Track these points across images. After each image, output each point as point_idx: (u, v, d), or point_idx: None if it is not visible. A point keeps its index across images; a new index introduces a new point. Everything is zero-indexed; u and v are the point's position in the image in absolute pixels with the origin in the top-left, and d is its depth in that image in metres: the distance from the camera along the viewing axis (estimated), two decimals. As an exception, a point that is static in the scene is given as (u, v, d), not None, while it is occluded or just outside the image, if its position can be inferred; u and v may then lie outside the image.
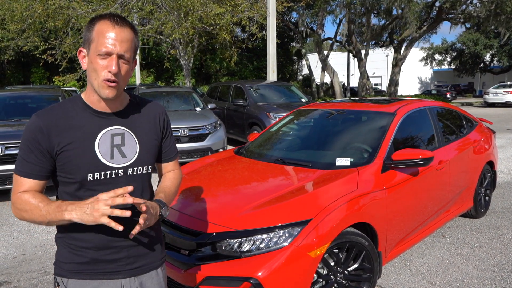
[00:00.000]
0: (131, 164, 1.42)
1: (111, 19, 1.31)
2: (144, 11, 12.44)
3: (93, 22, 1.33)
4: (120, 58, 1.31)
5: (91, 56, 1.31)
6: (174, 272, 2.42)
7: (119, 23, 1.31)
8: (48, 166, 1.34)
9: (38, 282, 3.27)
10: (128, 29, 1.33)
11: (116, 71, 1.30)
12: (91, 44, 1.31)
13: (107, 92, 1.32)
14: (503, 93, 23.59)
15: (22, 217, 1.33)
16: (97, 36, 1.30)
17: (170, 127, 1.60)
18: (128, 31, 1.33)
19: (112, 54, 1.29)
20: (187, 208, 2.72)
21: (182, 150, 7.09)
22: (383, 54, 41.53)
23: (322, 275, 2.55)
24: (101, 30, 1.30)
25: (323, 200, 2.56)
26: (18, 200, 1.33)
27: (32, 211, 1.30)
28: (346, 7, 20.68)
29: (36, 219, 1.30)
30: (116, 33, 1.30)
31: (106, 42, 1.28)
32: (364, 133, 3.59)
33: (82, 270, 1.39)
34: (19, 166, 1.34)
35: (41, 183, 1.36)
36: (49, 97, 7.17)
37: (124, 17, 1.37)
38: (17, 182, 1.35)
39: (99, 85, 1.32)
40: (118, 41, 1.29)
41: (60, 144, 1.33)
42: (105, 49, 1.28)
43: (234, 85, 10.37)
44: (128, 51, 1.33)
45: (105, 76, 1.30)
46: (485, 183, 4.63)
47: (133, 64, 1.41)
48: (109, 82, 1.31)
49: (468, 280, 3.17)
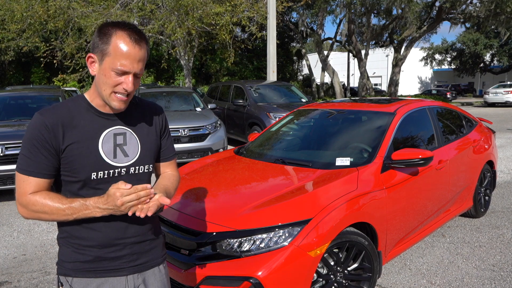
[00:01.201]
0: (133, 163, 1.44)
1: (130, 36, 1.30)
2: (145, 11, 12.45)
3: (108, 33, 1.30)
4: (135, 76, 1.35)
5: (105, 69, 1.31)
6: (175, 271, 2.43)
7: (138, 41, 1.31)
8: (55, 163, 1.34)
9: (38, 282, 3.28)
10: (144, 45, 1.33)
11: (132, 89, 1.33)
12: (106, 56, 1.30)
13: (117, 104, 1.36)
14: (503, 93, 23.59)
15: (38, 218, 1.33)
16: (113, 51, 1.29)
17: (168, 127, 1.62)
18: (144, 49, 1.33)
19: (129, 74, 1.32)
20: (187, 208, 2.73)
21: (182, 150, 7.09)
22: (383, 54, 41.53)
23: (322, 275, 2.55)
24: (119, 47, 1.29)
25: (323, 200, 2.56)
26: (31, 203, 1.31)
27: (52, 212, 1.31)
28: (346, 7, 20.67)
29: (59, 218, 1.32)
30: (135, 53, 1.30)
31: (124, 61, 1.29)
32: (364, 133, 3.59)
33: (86, 269, 1.40)
34: (23, 165, 1.32)
35: (48, 182, 1.35)
36: (49, 97, 7.18)
37: (140, 30, 1.36)
38: (24, 182, 1.32)
39: (109, 97, 1.34)
40: (136, 61, 1.31)
41: (65, 143, 1.33)
42: (122, 67, 1.30)
43: (234, 85, 10.38)
44: (142, 69, 1.36)
45: (119, 91, 1.33)
46: (485, 183, 4.64)
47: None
48: (121, 96, 1.34)
49: (467, 280, 3.18)
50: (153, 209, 1.30)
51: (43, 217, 1.32)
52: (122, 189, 1.24)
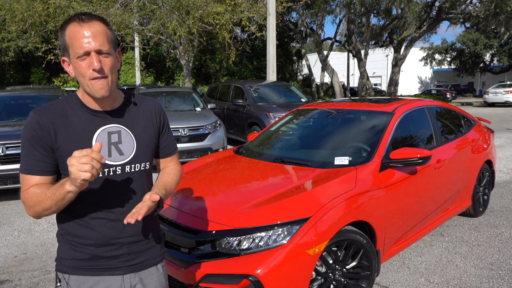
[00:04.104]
0: (129, 161, 1.43)
1: (77, 19, 1.29)
2: (145, 11, 12.45)
3: (63, 29, 1.31)
4: (99, 53, 1.29)
5: (73, 62, 1.31)
6: (174, 270, 2.45)
7: (86, 20, 1.29)
8: (52, 161, 1.35)
9: (39, 281, 3.30)
10: (96, 22, 1.30)
11: (99, 67, 1.28)
12: (69, 50, 1.30)
13: (99, 91, 1.31)
14: (503, 92, 23.60)
15: (36, 213, 1.30)
16: (70, 41, 1.29)
17: (167, 122, 1.60)
18: (97, 25, 1.30)
19: (90, 52, 1.28)
20: (187, 207, 2.75)
21: (182, 150, 7.11)
22: (383, 54, 41.54)
23: (321, 273, 2.57)
24: (72, 34, 1.29)
25: (321, 199, 2.58)
26: (25, 198, 1.31)
27: (41, 201, 1.27)
28: (346, 7, 20.67)
29: (47, 206, 1.27)
30: (86, 30, 1.28)
31: (80, 43, 1.27)
32: (362, 132, 3.61)
33: (83, 266, 1.41)
34: (23, 164, 1.34)
35: (48, 179, 1.35)
36: (50, 97, 7.19)
37: (89, 12, 1.35)
38: (24, 181, 1.33)
39: (89, 85, 1.31)
40: (90, 37, 1.27)
41: (58, 141, 1.33)
42: (81, 50, 1.27)
43: (234, 85, 10.39)
44: (104, 44, 1.30)
45: (91, 75, 1.29)
46: (484, 182, 4.65)
47: (118, 55, 1.40)
48: (97, 80, 1.30)
49: (466, 278, 3.19)
50: (143, 211, 1.25)
51: (37, 209, 1.28)
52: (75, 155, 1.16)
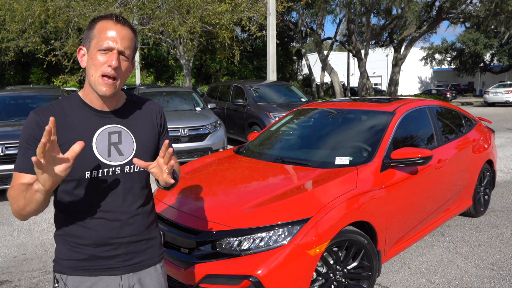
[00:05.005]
0: (128, 162, 1.42)
1: (113, 18, 1.35)
2: (145, 11, 12.44)
3: (94, 21, 1.36)
4: (121, 54, 1.34)
5: (91, 52, 1.33)
6: (174, 270, 2.44)
7: (122, 21, 1.35)
8: None
9: (38, 281, 3.29)
10: (129, 28, 1.37)
11: (117, 66, 1.31)
12: (92, 40, 1.33)
13: (104, 89, 1.32)
14: (503, 92, 23.59)
15: (15, 212, 1.26)
16: (98, 33, 1.32)
17: (166, 124, 1.61)
18: (129, 30, 1.36)
19: (113, 49, 1.32)
20: (187, 207, 2.73)
21: (182, 150, 7.10)
22: (383, 54, 41.53)
23: (322, 273, 2.56)
24: (103, 28, 1.33)
25: (322, 199, 2.57)
26: (8, 194, 1.27)
27: (17, 198, 1.23)
28: (346, 7, 20.67)
29: (21, 205, 1.22)
30: (118, 30, 1.33)
31: (108, 38, 1.31)
32: (363, 132, 3.60)
33: (81, 267, 1.40)
34: (18, 163, 1.33)
35: None
36: (50, 97, 7.18)
37: (125, 18, 1.40)
38: (14, 179, 1.32)
39: (96, 81, 1.32)
40: (119, 38, 1.32)
41: (58, 141, 1.31)
42: (106, 44, 1.31)
43: (234, 85, 10.39)
44: (128, 48, 1.35)
45: (104, 70, 1.31)
46: (485, 182, 4.64)
47: (132, 64, 1.42)
48: (107, 79, 1.32)
49: (467, 279, 3.18)
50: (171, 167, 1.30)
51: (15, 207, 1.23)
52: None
